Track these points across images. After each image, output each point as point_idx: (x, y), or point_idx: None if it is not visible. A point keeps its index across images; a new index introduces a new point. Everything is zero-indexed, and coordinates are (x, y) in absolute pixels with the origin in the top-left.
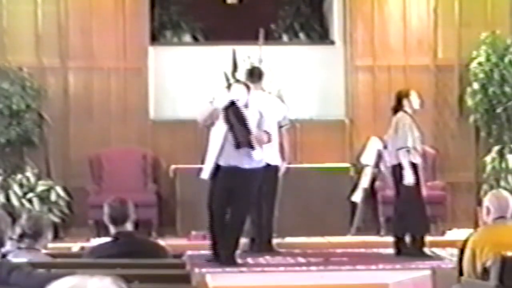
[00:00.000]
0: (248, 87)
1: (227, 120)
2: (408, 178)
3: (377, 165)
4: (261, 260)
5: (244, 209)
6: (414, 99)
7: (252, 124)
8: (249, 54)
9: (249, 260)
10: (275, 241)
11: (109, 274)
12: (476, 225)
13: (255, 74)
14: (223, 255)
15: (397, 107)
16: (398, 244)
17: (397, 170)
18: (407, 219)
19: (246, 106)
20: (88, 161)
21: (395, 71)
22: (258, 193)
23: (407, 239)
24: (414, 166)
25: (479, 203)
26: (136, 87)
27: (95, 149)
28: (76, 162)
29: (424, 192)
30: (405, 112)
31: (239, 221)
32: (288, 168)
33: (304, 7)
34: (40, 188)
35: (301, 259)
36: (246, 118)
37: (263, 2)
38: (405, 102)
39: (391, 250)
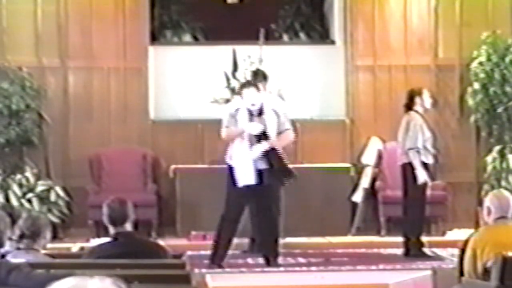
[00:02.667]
0: (258, 88)
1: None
2: (421, 177)
3: (377, 165)
4: (261, 260)
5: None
6: (426, 98)
7: (271, 127)
8: (250, 54)
9: (249, 260)
10: None
11: (109, 275)
12: (477, 225)
13: (259, 76)
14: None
15: (409, 105)
16: (407, 244)
17: (406, 169)
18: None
19: (261, 111)
20: (87, 161)
21: (396, 71)
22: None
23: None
24: (425, 166)
25: (480, 203)
26: (136, 87)
27: (95, 149)
28: (75, 162)
29: (427, 192)
30: (416, 111)
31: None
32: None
33: (305, 6)
34: (39, 188)
35: (302, 259)
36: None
37: (264, 2)
38: (417, 100)
39: (391, 250)
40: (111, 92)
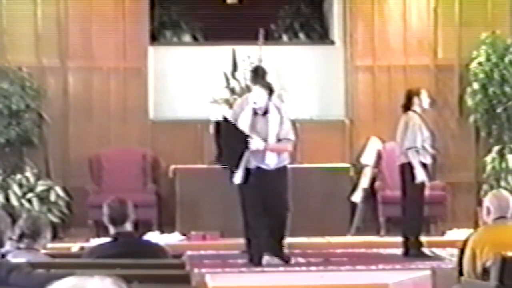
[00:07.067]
0: (271, 91)
1: (217, 135)
2: (420, 176)
3: (377, 165)
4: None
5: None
6: (424, 98)
7: (273, 128)
8: (249, 54)
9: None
10: None
11: (109, 275)
12: (476, 225)
13: (259, 73)
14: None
15: (407, 105)
16: (407, 244)
17: (405, 169)
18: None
19: (266, 111)
20: (87, 161)
21: (395, 71)
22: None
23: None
24: (424, 165)
25: (479, 203)
26: (136, 87)
27: (95, 149)
28: (75, 162)
29: (426, 192)
30: (414, 111)
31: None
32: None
33: (304, 7)
34: (39, 188)
35: (301, 259)
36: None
37: (263, 2)
38: (415, 100)
39: (391, 250)
40: (110, 92)
